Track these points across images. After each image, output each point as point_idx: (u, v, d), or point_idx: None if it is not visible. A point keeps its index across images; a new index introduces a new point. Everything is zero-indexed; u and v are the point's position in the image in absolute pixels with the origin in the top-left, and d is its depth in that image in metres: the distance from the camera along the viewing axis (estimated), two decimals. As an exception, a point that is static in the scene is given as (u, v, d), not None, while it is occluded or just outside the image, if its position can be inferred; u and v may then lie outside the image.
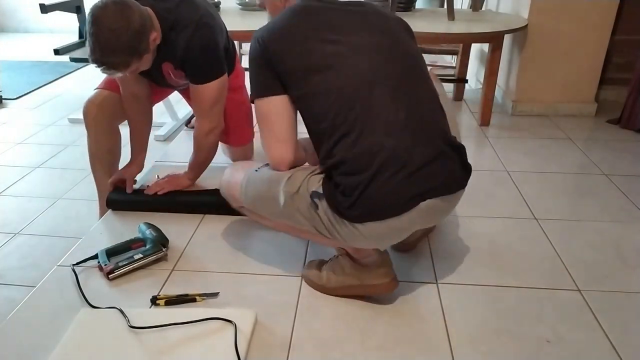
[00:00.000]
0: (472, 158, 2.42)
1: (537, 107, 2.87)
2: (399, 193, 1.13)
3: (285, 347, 1.21)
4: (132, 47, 1.43)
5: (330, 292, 1.38)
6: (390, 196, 1.13)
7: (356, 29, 1.24)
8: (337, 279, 1.36)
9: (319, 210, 1.20)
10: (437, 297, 1.39)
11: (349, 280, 1.35)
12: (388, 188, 1.12)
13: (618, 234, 1.70)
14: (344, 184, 1.15)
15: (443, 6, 3.15)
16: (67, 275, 1.46)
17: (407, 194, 1.13)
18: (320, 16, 1.25)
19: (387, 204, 1.13)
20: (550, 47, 2.73)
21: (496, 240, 1.66)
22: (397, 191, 1.13)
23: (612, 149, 2.40)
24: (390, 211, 1.14)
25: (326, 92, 1.18)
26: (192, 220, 1.76)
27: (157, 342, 1.20)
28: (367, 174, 1.12)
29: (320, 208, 1.20)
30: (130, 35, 1.41)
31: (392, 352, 1.20)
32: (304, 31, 1.23)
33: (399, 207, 1.14)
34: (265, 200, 1.29)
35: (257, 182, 1.32)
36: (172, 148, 2.48)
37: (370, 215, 1.14)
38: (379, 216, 1.14)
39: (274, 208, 1.28)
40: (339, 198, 1.15)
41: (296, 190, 1.22)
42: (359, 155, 1.14)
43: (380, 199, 1.13)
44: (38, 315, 1.31)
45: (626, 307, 1.36)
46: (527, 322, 1.30)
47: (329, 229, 1.21)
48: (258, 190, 1.31)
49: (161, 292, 1.39)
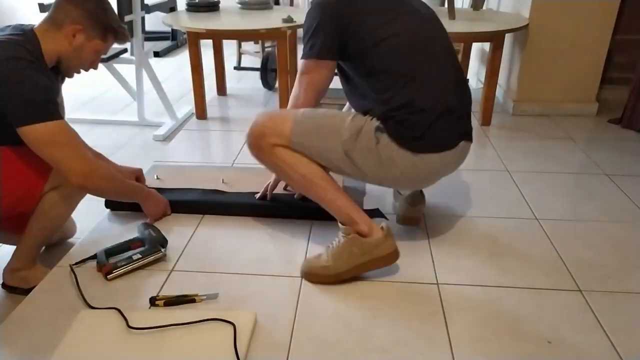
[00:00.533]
0: (473, 158, 2.42)
1: (538, 107, 2.87)
2: (451, 131, 1.43)
3: (285, 348, 1.21)
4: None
5: (341, 277, 1.42)
6: (447, 133, 1.42)
7: (410, 1, 1.48)
8: (347, 262, 1.41)
9: (380, 144, 1.39)
10: (438, 297, 1.39)
11: (359, 259, 1.41)
12: (446, 127, 1.41)
13: (619, 234, 1.70)
14: (412, 120, 1.38)
15: (444, 5, 3.14)
16: (66, 275, 1.46)
17: (455, 133, 1.45)
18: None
19: (445, 138, 1.42)
20: (551, 46, 2.72)
21: (497, 240, 1.66)
22: (450, 130, 1.43)
23: (613, 149, 2.40)
24: (447, 145, 1.42)
25: (395, 37, 1.39)
26: (191, 220, 1.75)
27: (156, 343, 1.19)
28: (433, 114, 1.37)
29: (382, 142, 1.38)
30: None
31: (392, 352, 1.20)
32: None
33: (451, 142, 1.43)
34: (325, 134, 1.42)
35: (317, 117, 1.45)
36: (170, 148, 2.48)
37: (433, 147, 1.40)
38: (438, 148, 1.41)
39: (332, 143, 1.42)
40: (406, 132, 1.38)
41: (360, 128, 1.40)
42: (426, 99, 1.38)
43: (441, 135, 1.41)
44: (38, 316, 1.31)
45: (627, 307, 1.36)
46: (528, 322, 1.30)
47: (384, 163, 1.40)
48: (318, 124, 1.44)
49: (160, 293, 1.39)
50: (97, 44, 1.48)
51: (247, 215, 1.77)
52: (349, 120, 1.42)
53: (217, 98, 3.25)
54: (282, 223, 1.73)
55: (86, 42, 1.45)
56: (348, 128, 1.40)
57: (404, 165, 1.40)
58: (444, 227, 1.72)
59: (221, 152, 2.41)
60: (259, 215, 1.76)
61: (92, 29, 1.45)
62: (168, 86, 3.36)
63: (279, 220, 1.74)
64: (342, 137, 1.40)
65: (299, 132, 1.43)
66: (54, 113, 1.35)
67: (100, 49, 1.50)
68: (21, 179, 1.42)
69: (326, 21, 1.41)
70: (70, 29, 1.41)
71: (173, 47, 4.88)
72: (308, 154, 1.44)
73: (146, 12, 3.28)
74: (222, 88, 3.29)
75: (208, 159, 2.36)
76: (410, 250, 1.58)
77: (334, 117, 1.45)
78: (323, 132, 1.42)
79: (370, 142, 1.39)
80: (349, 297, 1.38)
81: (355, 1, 1.42)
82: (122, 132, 2.88)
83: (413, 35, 1.41)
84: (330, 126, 1.42)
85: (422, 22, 1.46)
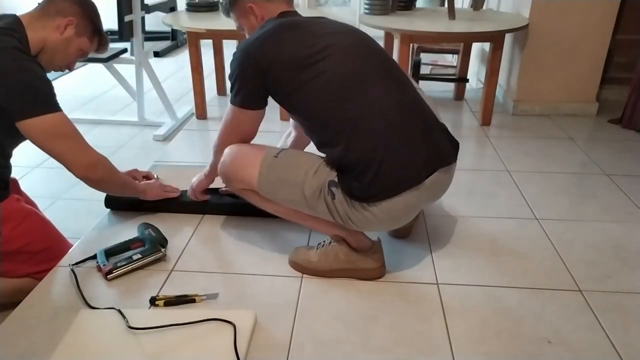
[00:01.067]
0: (473, 158, 2.42)
1: (538, 107, 2.86)
2: (407, 166, 1.27)
3: (285, 348, 1.21)
4: None
5: (320, 274, 1.45)
6: (401, 169, 1.27)
7: (333, 31, 1.37)
8: (330, 263, 1.44)
9: (336, 200, 1.30)
10: (438, 297, 1.39)
11: (342, 265, 1.43)
12: (397, 163, 1.26)
13: (619, 234, 1.70)
14: (356, 168, 1.26)
15: (444, 5, 3.14)
16: (66, 275, 1.46)
17: (414, 165, 1.28)
18: (299, 24, 1.37)
19: (400, 177, 1.27)
20: (551, 46, 2.72)
21: (497, 240, 1.65)
22: (405, 164, 1.27)
23: (613, 149, 2.40)
24: (404, 183, 1.27)
25: (320, 82, 1.28)
26: (191, 220, 1.75)
27: (156, 343, 1.19)
28: (377, 155, 1.24)
29: (337, 197, 1.30)
30: None
31: (392, 352, 1.20)
32: (288, 37, 1.33)
33: (411, 178, 1.28)
34: (289, 187, 1.34)
35: (281, 169, 1.36)
36: (170, 148, 2.48)
37: (386, 192, 1.26)
38: (393, 191, 1.26)
39: (295, 196, 1.34)
40: (354, 184, 1.27)
41: (322, 183, 1.31)
42: (363, 141, 1.26)
43: (394, 174, 1.26)
44: (38, 316, 1.31)
45: (627, 307, 1.35)
46: (528, 322, 1.30)
47: (344, 219, 1.32)
48: (281, 177, 1.35)
49: (160, 293, 1.39)
50: (84, 42, 1.49)
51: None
52: (311, 173, 1.32)
53: (217, 98, 3.25)
54: (282, 223, 1.72)
55: (75, 37, 1.46)
56: (310, 185, 1.32)
57: (360, 221, 1.31)
58: (444, 227, 1.72)
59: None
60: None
61: (84, 27, 1.47)
62: (168, 86, 3.36)
63: (279, 220, 1.73)
64: (305, 193, 1.32)
65: (264, 186, 1.37)
66: (56, 104, 1.35)
67: (86, 48, 1.51)
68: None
69: (246, 70, 1.34)
70: (63, 20, 1.42)
71: (173, 47, 4.88)
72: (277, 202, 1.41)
73: (146, 12, 3.28)
74: (222, 88, 3.29)
75: (208, 159, 2.34)
76: (410, 250, 1.58)
77: (298, 168, 1.34)
78: (287, 185, 1.34)
79: (328, 198, 1.31)
80: (349, 297, 1.38)
81: (272, 47, 1.32)
82: (122, 132, 2.88)
83: (336, 72, 1.29)
84: (295, 179, 1.33)
85: (351, 50, 1.33)
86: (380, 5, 2.78)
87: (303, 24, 1.38)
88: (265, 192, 1.39)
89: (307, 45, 1.31)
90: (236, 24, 1.53)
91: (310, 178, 1.32)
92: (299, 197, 1.34)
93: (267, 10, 1.43)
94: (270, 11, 1.43)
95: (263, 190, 1.38)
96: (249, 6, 1.44)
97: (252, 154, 1.41)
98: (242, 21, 1.49)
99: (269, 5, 1.44)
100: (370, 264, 1.43)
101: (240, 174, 1.41)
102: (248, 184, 1.40)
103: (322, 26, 1.38)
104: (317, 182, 1.31)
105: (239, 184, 1.43)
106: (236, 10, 1.49)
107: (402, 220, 1.37)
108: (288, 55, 1.30)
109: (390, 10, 2.85)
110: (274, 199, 1.39)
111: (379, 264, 1.44)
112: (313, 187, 1.32)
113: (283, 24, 1.36)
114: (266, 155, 1.38)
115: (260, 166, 1.37)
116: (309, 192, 1.32)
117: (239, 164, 1.41)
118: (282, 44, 1.32)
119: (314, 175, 1.32)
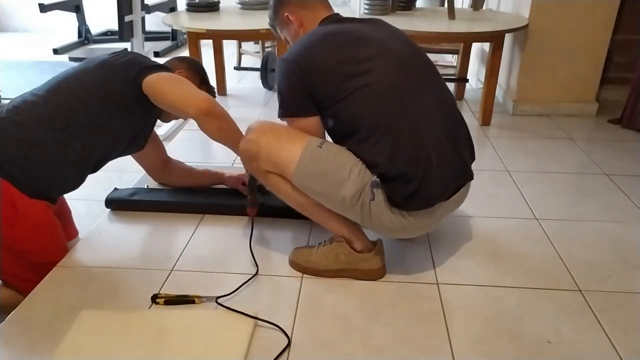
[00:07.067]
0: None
1: (538, 107, 2.87)
2: (444, 180, 1.31)
3: (285, 348, 1.21)
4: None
5: (320, 274, 1.46)
6: (439, 183, 1.30)
7: (380, 37, 1.36)
8: (330, 263, 1.44)
9: (374, 201, 1.29)
10: (438, 297, 1.39)
11: (342, 265, 1.44)
12: (436, 178, 1.28)
13: (619, 234, 1.70)
14: (402, 179, 1.26)
15: (443, 5, 3.14)
16: (66, 275, 1.46)
17: (448, 180, 1.33)
18: (344, 31, 1.36)
19: (437, 191, 1.30)
20: (551, 46, 2.72)
21: (497, 240, 1.66)
22: (443, 179, 1.31)
23: (613, 149, 2.40)
24: (439, 197, 1.32)
25: (366, 93, 1.27)
26: (191, 220, 1.75)
27: (157, 343, 1.19)
28: (421, 167, 1.26)
29: (376, 199, 1.29)
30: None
31: (392, 352, 1.20)
32: (333, 46, 1.32)
33: (445, 192, 1.33)
34: (329, 182, 1.30)
35: (325, 161, 1.30)
36: (170, 148, 2.47)
37: (424, 203, 1.30)
38: (429, 204, 1.31)
39: (331, 191, 1.30)
40: (397, 191, 1.27)
41: (365, 184, 1.28)
42: (410, 152, 1.26)
43: (433, 188, 1.29)
44: (38, 316, 1.31)
45: (627, 307, 1.36)
46: (528, 322, 1.30)
47: (374, 218, 1.31)
48: (324, 170, 1.29)
49: (161, 291, 1.39)
50: None
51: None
52: (355, 172, 1.28)
53: (217, 98, 3.25)
54: (282, 223, 1.73)
55: None
56: (353, 184, 1.28)
57: (394, 226, 1.32)
58: (444, 227, 1.72)
59: (221, 152, 2.40)
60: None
61: (192, 78, 1.65)
62: (168, 86, 3.36)
63: (279, 220, 1.74)
64: (344, 191, 1.28)
65: (301, 174, 1.31)
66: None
67: None
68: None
69: (291, 77, 1.31)
70: (176, 72, 1.62)
71: (173, 47, 4.88)
72: (305, 193, 1.36)
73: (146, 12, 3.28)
74: (222, 88, 3.29)
75: (208, 159, 2.36)
76: (410, 250, 1.58)
77: (342, 165, 1.29)
78: (328, 179, 1.29)
79: (366, 199, 1.29)
80: (349, 297, 1.38)
81: (316, 54, 1.31)
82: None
83: (385, 82, 1.28)
84: (337, 175, 1.29)
85: (396, 57, 1.32)
86: (380, 5, 2.79)
87: (347, 31, 1.36)
88: (300, 181, 1.32)
89: (353, 54, 1.30)
90: (283, 38, 1.54)
91: (355, 177, 1.28)
92: (335, 193, 1.29)
93: (304, 17, 1.44)
94: (309, 17, 1.43)
95: (299, 178, 1.31)
96: (285, 15, 1.45)
97: (292, 137, 1.33)
98: (285, 33, 1.51)
99: (305, 11, 1.44)
100: (371, 265, 1.43)
101: (274, 155, 1.32)
102: (280, 168, 1.32)
103: (366, 31, 1.36)
104: (362, 182, 1.28)
105: (267, 165, 1.34)
106: (278, 24, 1.51)
107: (427, 230, 1.44)
108: (334, 62, 1.29)
109: (390, 10, 2.86)
110: (305, 188, 1.33)
111: (379, 265, 1.44)
112: (356, 187, 1.28)
113: (327, 32, 1.36)
114: (309, 143, 1.31)
115: (302, 152, 1.30)
116: (350, 191, 1.28)
117: (274, 145, 1.32)
118: (328, 51, 1.31)
119: (358, 175, 1.28)
